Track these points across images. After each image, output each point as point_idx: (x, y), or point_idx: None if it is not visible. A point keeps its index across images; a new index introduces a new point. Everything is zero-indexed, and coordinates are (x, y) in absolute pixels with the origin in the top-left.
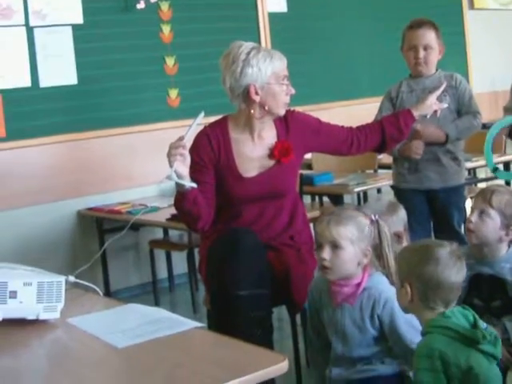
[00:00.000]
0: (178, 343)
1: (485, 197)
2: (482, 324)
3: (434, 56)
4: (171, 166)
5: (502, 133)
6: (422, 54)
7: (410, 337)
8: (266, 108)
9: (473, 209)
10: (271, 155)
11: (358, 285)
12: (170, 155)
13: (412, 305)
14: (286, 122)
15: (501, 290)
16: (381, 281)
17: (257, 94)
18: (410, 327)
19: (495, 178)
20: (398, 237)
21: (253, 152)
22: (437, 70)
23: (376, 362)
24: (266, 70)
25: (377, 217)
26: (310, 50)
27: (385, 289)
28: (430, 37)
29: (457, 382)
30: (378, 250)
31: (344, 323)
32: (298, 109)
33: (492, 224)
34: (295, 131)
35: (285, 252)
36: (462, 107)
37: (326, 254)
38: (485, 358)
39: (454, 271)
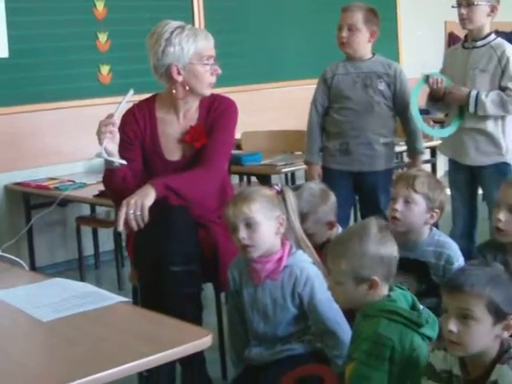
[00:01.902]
0: (103, 317)
1: (407, 183)
2: (420, 305)
3: (359, 37)
4: (101, 143)
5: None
6: (345, 33)
7: (330, 315)
8: (187, 88)
9: (396, 197)
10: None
11: (280, 259)
12: (99, 132)
13: (372, 294)
14: (211, 106)
15: (424, 273)
16: (302, 258)
17: (179, 73)
18: (330, 305)
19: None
20: (330, 225)
21: (177, 133)
22: (374, 54)
23: (295, 342)
24: (189, 50)
25: (281, 186)
26: (244, 31)
27: (306, 266)
28: (355, 18)
29: (399, 367)
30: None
31: (265, 301)
32: (230, 89)
33: (418, 209)
34: (213, 117)
35: (213, 230)
36: (402, 102)
37: (244, 233)
38: (423, 341)
39: (393, 243)
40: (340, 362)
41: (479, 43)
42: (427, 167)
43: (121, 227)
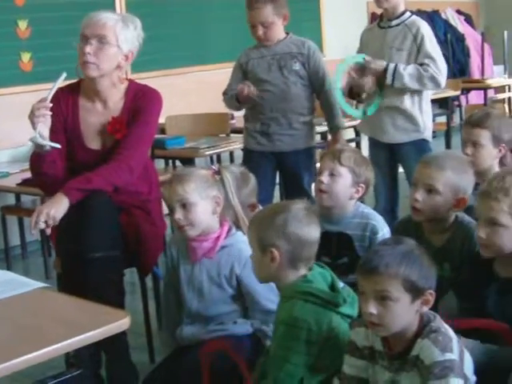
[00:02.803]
0: (22, 303)
1: (333, 156)
2: (339, 284)
3: (275, 29)
4: (35, 127)
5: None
6: (261, 31)
7: (270, 296)
8: (120, 74)
9: (322, 170)
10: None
11: (217, 238)
12: (32, 117)
13: (278, 270)
14: (135, 97)
15: (348, 247)
16: (241, 239)
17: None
18: (268, 288)
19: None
20: (252, 207)
21: (99, 123)
22: (288, 33)
23: (228, 322)
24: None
25: (218, 166)
26: (166, 14)
27: (245, 247)
28: (265, 14)
29: (317, 347)
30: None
31: (201, 279)
32: (154, 74)
33: (343, 182)
34: (136, 108)
35: (135, 214)
36: (315, 78)
37: (179, 214)
38: (343, 320)
39: (314, 226)
40: None
41: (394, 22)
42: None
43: (33, 233)
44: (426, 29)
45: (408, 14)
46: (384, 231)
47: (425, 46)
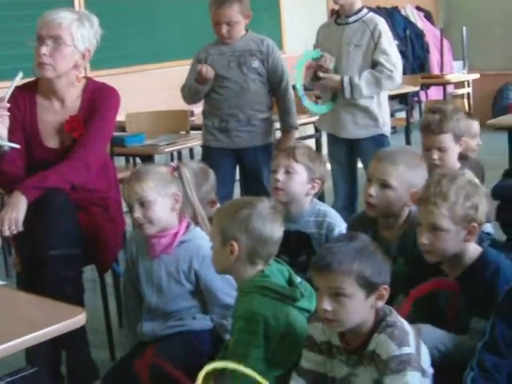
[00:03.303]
0: None
1: (288, 153)
2: (297, 279)
3: (239, 28)
4: None
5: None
6: (225, 29)
7: (228, 291)
8: (77, 73)
9: (277, 167)
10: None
11: (176, 234)
12: None
13: (236, 263)
14: (92, 95)
15: (307, 245)
16: (200, 235)
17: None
18: (226, 283)
19: (306, 137)
20: (212, 203)
21: (56, 121)
22: (247, 31)
23: (188, 318)
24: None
25: (177, 163)
26: (125, 12)
27: (204, 243)
28: (231, 13)
29: (275, 342)
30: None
31: (160, 275)
32: (114, 71)
33: (299, 179)
34: (94, 106)
35: (94, 212)
36: (274, 75)
37: (138, 212)
38: (301, 314)
39: (278, 225)
40: None
41: (352, 19)
42: (311, 142)
43: None
44: (383, 25)
45: (365, 10)
46: (341, 228)
47: (381, 43)
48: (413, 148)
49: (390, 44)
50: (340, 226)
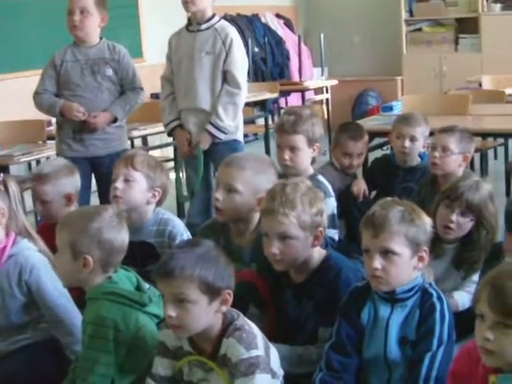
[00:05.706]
0: None
1: (126, 162)
2: (145, 285)
3: (91, 21)
4: None
5: None
6: (77, 16)
7: (59, 302)
8: None
9: (116, 176)
10: None
11: (3, 249)
12: None
13: (89, 275)
14: None
15: (153, 254)
16: (26, 246)
17: None
18: (59, 292)
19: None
20: (68, 199)
21: None
22: (101, 38)
23: (31, 330)
24: None
25: (3, 176)
26: None
27: (31, 254)
28: (87, 1)
29: (125, 346)
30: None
31: None
32: None
33: (138, 187)
34: None
35: None
36: (126, 82)
37: None
38: (150, 320)
39: (124, 231)
40: (76, 347)
41: (204, 26)
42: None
43: None
44: (234, 34)
45: (217, 18)
46: (184, 236)
47: (232, 53)
48: (263, 154)
49: (240, 54)
50: (183, 234)
